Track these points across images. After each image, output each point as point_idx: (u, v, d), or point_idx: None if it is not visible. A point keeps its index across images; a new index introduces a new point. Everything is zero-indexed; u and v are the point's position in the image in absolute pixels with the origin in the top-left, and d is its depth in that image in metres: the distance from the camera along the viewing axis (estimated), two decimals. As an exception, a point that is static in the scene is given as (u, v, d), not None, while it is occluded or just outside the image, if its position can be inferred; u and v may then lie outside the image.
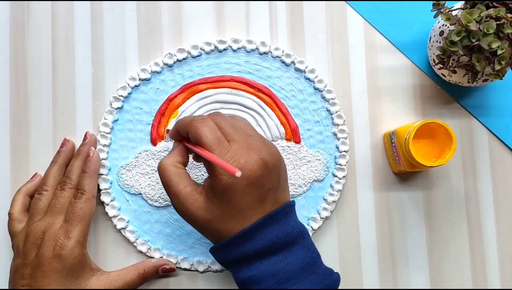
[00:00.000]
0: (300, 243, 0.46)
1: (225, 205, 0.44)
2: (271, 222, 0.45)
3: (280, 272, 0.44)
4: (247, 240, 0.44)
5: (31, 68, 0.58)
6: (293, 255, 0.45)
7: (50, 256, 0.49)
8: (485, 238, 0.58)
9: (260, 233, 0.44)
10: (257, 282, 0.44)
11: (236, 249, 0.45)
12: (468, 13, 0.48)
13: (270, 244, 0.44)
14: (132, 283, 0.53)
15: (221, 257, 0.47)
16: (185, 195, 0.45)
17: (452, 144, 0.51)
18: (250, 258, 0.44)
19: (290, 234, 0.45)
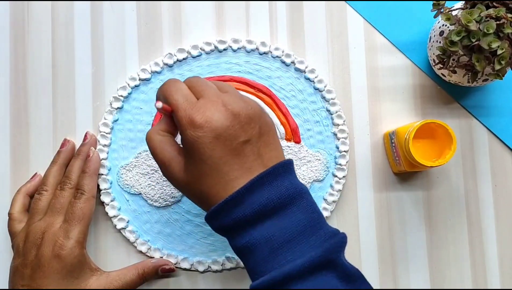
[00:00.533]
0: (297, 204, 0.42)
1: (198, 162, 0.42)
2: (260, 184, 0.41)
3: (274, 237, 0.41)
4: (236, 206, 0.41)
5: (31, 68, 0.58)
6: (288, 217, 0.41)
7: (50, 256, 0.49)
8: (485, 238, 0.58)
9: (249, 197, 0.41)
10: (251, 250, 0.41)
11: (227, 216, 0.41)
12: (468, 13, 0.48)
13: (261, 208, 0.41)
14: (132, 283, 0.53)
15: (214, 225, 0.43)
16: (170, 160, 0.44)
17: (452, 144, 0.51)
18: (243, 224, 0.41)
19: (284, 196, 0.41)
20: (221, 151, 0.41)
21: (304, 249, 0.41)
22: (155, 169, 0.57)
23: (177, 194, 0.57)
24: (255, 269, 0.41)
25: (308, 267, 0.40)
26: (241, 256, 0.43)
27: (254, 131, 0.43)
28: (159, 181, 0.57)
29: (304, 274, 0.40)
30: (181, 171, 0.43)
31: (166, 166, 0.44)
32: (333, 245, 0.41)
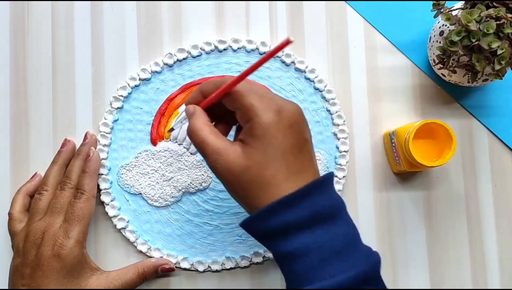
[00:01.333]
0: (342, 216, 0.42)
1: (267, 146, 0.41)
2: (315, 190, 0.41)
3: (325, 246, 0.40)
4: (289, 207, 0.41)
5: (31, 68, 0.58)
6: (337, 228, 0.41)
7: (49, 256, 0.50)
8: (485, 238, 0.58)
9: (304, 200, 0.41)
10: (299, 257, 0.40)
11: (277, 218, 0.41)
12: (468, 13, 0.48)
13: (314, 214, 0.41)
14: (132, 282, 0.53)
15: (259, 227, 0.42)
16: (225, 148, 0.42)
17: (452, 144, 0.51)
18: (291, 229, 0.41)
19: (334, 206, 0.42)
20: (291, 141, 0.42)
21: (353, 262, 0.41)
22: (155, 169, 0.57)
23: (177, 194, 0.57)
24: (300, 277, 0.41)
25: (358, 280, 0.40)
26: (284, 263, 0.42)
27: (309, 133, 0.45)
28: (159, 181, 0.57)
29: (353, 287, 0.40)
30: (239, 157, 0.42)
31: (220, 154, 0.43)
32: (377, 262, 0.42)
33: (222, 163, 0.42)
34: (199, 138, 0.44)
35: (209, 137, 0.43)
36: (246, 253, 0.57)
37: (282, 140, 0.42)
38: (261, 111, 0.42)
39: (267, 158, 0.42)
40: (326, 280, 0.40)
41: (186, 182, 0.57)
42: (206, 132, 0.44)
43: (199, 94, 0.46)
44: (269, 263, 0.57)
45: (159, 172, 0.57)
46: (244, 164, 0.42)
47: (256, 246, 0.57)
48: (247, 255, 0.57)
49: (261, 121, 0.42)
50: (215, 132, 0.44)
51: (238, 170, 0.42)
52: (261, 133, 0.42)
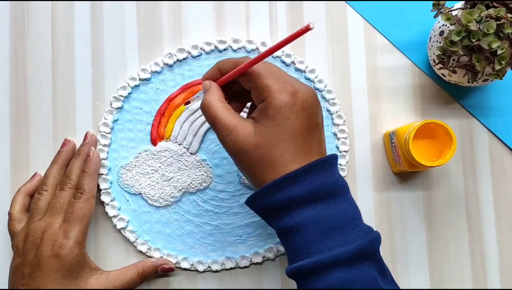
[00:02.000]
0: (344, 196, 0.44)
1: (279, 126, 0.43)
2: (318, 168, 0.43)
3: (325, 221, 0.42)
4: (293, 183, 0.42)
5: (31, 68, 0.58)
6: (338, 205, 0.43)
7: (49, 256, 0.50)
8: (485, 238, 0.58)
9: (307, 177, 0.42)
10: (300, 230, 0.42)
11: (281, 193, 0.42)
12: (468, 13, 0.48)
13: (315, 191, 0.42)
14: (132, 282, 0.53)
15: (263, 203, 0.44)
16: (236, 124, 0.44)
17: (452, 144, 0.51)
18: (294, 203, 0.42)
19: (336, 185, 0.43)
20: (303, 123, 0.43)
21: (351, 237, 0.42)
22: (155, 169, 0.57)
23: (177, 194, 0.57)
24: (300, 250, 0.42)
25: (356, 254, 0.41)
26: (286, 237, 0.43)
27: (321, 117, 0.46)
28: (159, 181, 0.57)
29: (351, 260, 0.41)
30: (249, 135, 0.44)
31: (230, 130, 0.44)
32: (376, 238, 0.44)
33: (233, 139, 0.44)
34: (212, 113, 0.45)
35: (221, 113, 0.45)
36: (246, 253, 0.57)
37: (293, 122, 0.43)
38: (276, 92, 0.43)
39: (277, 137, 0.43)
40: (324, 253, 0.41)
41: (186, 182, 0.57)
42: (219, 107, 0.45)
43: (217, 70, 0.48)
44: (269, 263, 0.57)
45: (159, 172, 0.57)
46: (255, 142, 0.43)
47: (256, 246, 0.57)
48: (247, 255, 0.57)
49: (275, 101, 0.43)
50: (228, 108, 0.45)
51: (248, 147, 0.43)
52: (273, 113, 0.43)
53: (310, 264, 0.41)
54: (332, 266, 0.41)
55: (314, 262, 0.41)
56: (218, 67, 0.48)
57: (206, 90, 0.47)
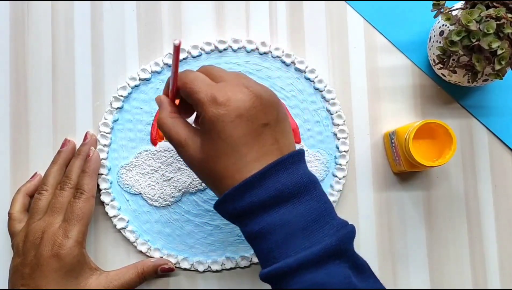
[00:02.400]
0: (310, 193, 0.42)
1: (216, 140, 0.42)
2: (277, 169, 0.41)
3: (290, 223, 0.41)
4: (252, 189, 0.41)
5: (31, 68, 0.58)
6: (303, 205, 0.41)
7: (49, 256, 0.49)
8: (485, 238, 0.58)
9: (266, 181, 0.41)
10: (265, 235, 0.41)
11: (241, 200, 0.41)
12: (468, 13, 0.48)
13: (277, 193, 0.41)
14: (131, 282, 0.53)
15: (226, 210, 0.43)
16: (186, 140, 0.44)
17: (452, 144, 0.51)
18: (257, 209, 0.41)
19: (299, 183, 0.42)
20: (242, 131, 0.41)
21: (319, 237, 0.41)
22: (155, 169, 0.57)
23: (177, 194, 0.57)
24: (268, 255, 0.41)
25: (323, 255, 0.40)
26: (253, 242, 0.43)
27: (273, 116, 0.43)
28: (159, 181, 0.57)
29: (319, 262, 0.40)
30: (196, 150, 0.43)
31: (182, 146, 0.44)
32: (346, 235, 0.42)
33: (185, 155, 0.44)
34: (165, 130, 0.45)
35: (172, 130, 0.45)
36: (246, 253, 0.57)
37: (230, 133, 0.41)
38: (206, 106, 0.42)
39: (217, 151, 0.42)
40: (290, 257, 0.40)
41: (186, 182, 0.57)
42: (170, 124, 0.45)
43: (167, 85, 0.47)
44: (269, 263, 0.57)
45: (159, 172, 0.57)
46: (200, 157, 0.43)
47: (256, 246, 0.57)
48: (247, 255, 0.57)
49: (206, 116, 0.42)
50: (179, 122, 0.45)
51: (196, 162, 0.43)
52: (208, 128, 0.42)
53: (278, 270, 0.40)
54: (299, 270, 0.40)
55: (280, 267, 0.40)
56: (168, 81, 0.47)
57: (158, 106, 0.47)
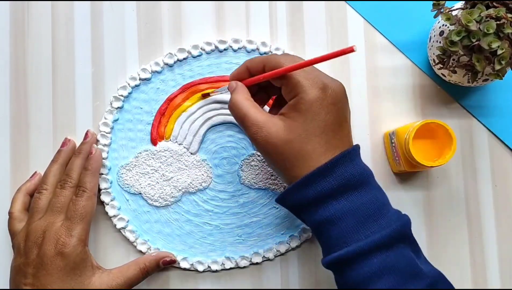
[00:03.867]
0: (372, 183, 0.46)
1: (310, 121, 0.44)
2: (346, 160, 0.44)
3: (359, 210, 0.44)
4: (323, 177, 0.44)
5: (31, 68, 0.58)
6: (368, 193, 0.45)
7: (52, 255, 0.49)
8: (485, 238, 0.58)
9: (336, 170, 0.44)
10: (335, 222, 0.44)
11: (312, 188, 0.44)
12: (468, 13, 0.48)
13: (346, 182, 0.44)
14: (135, 278, 0.53)
15: (295, 199, 0.45)
16: (265, 121, 0.45)
17: (452, 144, 0.51)
18: (327, 197, 0.44)
19: (364, 173, 0.45)
20: (333, 117, 0.45)
21: (386, 223, 0.44)
22: (155, 169, 0.57)
23: (177, 194, 0.57)
24: (337, 241, 0.44)
25: (392, 238, 0.43)
26: (321, 228, 0.45)
27: (349, 110, 0.48)
28: (159, 181, 0.57)
29: (387, 245, 0.43)
30: (280, 131, 0.45)
31: (260, 127, 0.45)
32: (407, 221, 0.46)
33: (263, 136, 0.45)
34: (241, 111, 0.47)
35: (250, 110, 0.46)
36: (245, 253, 0.57)
37: (324, 116, 0.45)
38: (307, 88, 0.45)
39: (308, 132, 0.44)
40: (361, 241, 0.43)
41: (186, 182, 0.57)
42: (247, 105, 0.47)
43: (245, 69, 0.49)
44: (269, 263, 0.57)
45: (159, 172, 0.57)
46: (286, 137, 0.45)
47: (256, 246, 0.57)
48: (246, 255, 0.57)
49: (307, 97, 0.44)
50: (256, 106, 0.47)
51: (279, 142, 0.45)
52: (305, 108, 0.44)
53: (349, 253, 0.43)
54: (371, 252, 0.43)
55: (353, 250, 0.43)
56: (246, 66, 0.49)
57: (233, 89, 0.49)
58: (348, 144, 0.46)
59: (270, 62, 0.47)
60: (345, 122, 0.46)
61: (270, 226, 0.57)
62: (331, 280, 0.56)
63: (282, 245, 0.57)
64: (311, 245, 0.58)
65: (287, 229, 0.57)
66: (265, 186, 0.57)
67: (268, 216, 0.57)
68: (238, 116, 0.47)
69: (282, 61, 0.46)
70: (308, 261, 0.57)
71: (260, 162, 0.57)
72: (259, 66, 0.48)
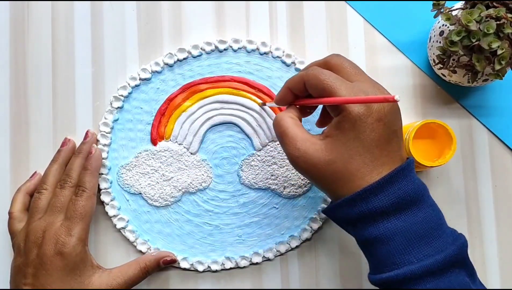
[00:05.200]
0: (426, 201, 0.43)
1: (353, 140, 0.42)
2: (399, 176, 0.42)
3: (411, 230, 0.41)
4: (375, 195, 0.42)
5: (31, 68, 0.58)
6: (422, 212, 0.42)
7: (52, 254, 0.49)
8: (485, 238, 0.58)
9: (389, 188, 0.42)
10: (384, 241, 0.42)
11: (363, 205, 0.42)
12: (468, 13, 0.48)
13: (399, 200, 0.42)
14: (135, 278, 0.53)
15: (342, 214, 0.44)
16: (303, 139, 0.44)
17: (452, 144, 0.51)
18: (377, 215, 0.42)
19: (417, 191, 0.43)
20: (378, 134, 0.42)
21: (440, 245, 0.42)
22: (155, 169, 0.57)
23: (177, 194, 0.57)
24: (386, 260, 0.42)
25: (446, 263, 0.41)
26: (370, 246, 0.43)
27: (400, 123, 0.45)
28: (159, 181, 0.57)
29: (442, 270, 0.41)
30: (319, 151, 0.43)
31: (298, 145, 0.44)
32: (464, 244, 0.43)
33: (302, 155, 0.43)
34: (281, 127, 0.45)
35: (290, 128, 0.45)
36: (245, 253, 0.57)
37: (369, 134, 0.42)
38: (350, 105, 0.42)
39: (352, 151, 0.42)
40: (413, 264, 0.41)
41: (186, 182, 0.57)
42: (289, 123, 0.45)
43: (288, 92, 0.47)
44: (269, 263, 0.57)
45: (159, 172, 0.57)
46: (326, 158, 0.43)
47: (256, 247, 0.57)
48: (246, 255, 0.57)
49: (349, 115, 0.42)
50: (298, 124, 0.45)
51: (320, 163, 0.43)
52: (348, 127, 0.42)
53: (400, 276, 0.41)
54: (423, 277, 0.41)
55: (404, 273, 0.41)
56: (288, 88, 0.47)
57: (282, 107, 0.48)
58: (398, 159, 0.43)
59: (310, 79, 0.44)
60: (394, 137, 0.43)
61: (270, 226, 0.57)
62: (331, 280, 0.57)
63: (282, 245, 0.57)
64: (311, 245, 0.58)
65: (287, 229, 0.57)
66: (265, 186, 0.57)
67: (268, 216, 0.57)
68: (278, 132, 0.45)
69: (322, 78, 0.43)
70: (308, 261, 0.57)
71: (260, 162, 0.57)
72: (300, 85, 0.46)
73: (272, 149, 0.57)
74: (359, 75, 0.45)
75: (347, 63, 0.46)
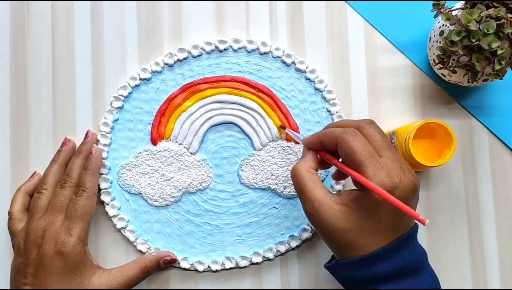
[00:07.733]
0: (425, 268, 0.45)
1: (367, 219, 0.43)
2: (404, 244, 0.44)
3: None
4: (380, 260, 0.43)
5: (31, 68, 0.58)
6: (421, 279, 0.44)
7: (52, 254, 0.49)
8: (485, 238, 0.58)
9: (394, 255, 0.43)
10: None
11: (366, 269, 0.43)
12: (468, 13, 0.48)
13: (402, 268, 0.43)
14: (135, 278, 0.53)
15: (345, 274, 0.45)
16: (320, 201, 0.44)
17: (452, 144, 0.51)
18: (378, 280, 0.43)
19: (420, 258, 0.45)
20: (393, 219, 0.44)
21: None
22: (155, 169, 0.57)
23: (177, 194, 0.57)
24: None
25: None
26: None
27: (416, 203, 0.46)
28: (159, 181, 0.57)
29: None
30: (334, 217, 0.44)
31: (315, 206, 0.44)
32: None
33: (316, 215, 0.44)
34: (299, 182, 0.46)
35: (308, 185, 0.45)
36: (246, 253, 0.57)
37: (385, 218, 0.43)
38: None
39: (364, 229, 0.43)
40: None
41: (186, 182, 0.57)
42: (306, 177, 0.46)
43: (318, 141, 0.48)
44: (269, 263, 0.57)
45: (159, 172, 0.57)
46: (341, 226, 0.44)
47: (256, 246, 0.57)
48: (247, 255, 0.57)
49: (371, 197, 0.43)
50: (316, 181, 0.46)
51: (333, 229, 0.44)
52: (366, 206, 0.43)
53: None
54: None
55: None
56: (320, 138, 0.47)
57: (303, 155, 0.48)
58: (405, 226, 0.45)
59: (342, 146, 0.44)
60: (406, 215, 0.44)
61: (270, 226, 0.57)
62: (331, 280, 0.57)
63: (282, 245, 0.57)
64: (311, 245, 0.58)
65: (287, 229, 0.57)
66: (265, 186, 0.57)
67: (268, 216, 0.57)
68: (296, 186, 0.46)
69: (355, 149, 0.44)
70: (308, 261, 0.57)
71: (260, 162, 0.57)
72: (332, 143, 0.46)
73: (272, 149, 0.57)
74: (387, 151, 0.45)
75: (379, 135, 0.46)
